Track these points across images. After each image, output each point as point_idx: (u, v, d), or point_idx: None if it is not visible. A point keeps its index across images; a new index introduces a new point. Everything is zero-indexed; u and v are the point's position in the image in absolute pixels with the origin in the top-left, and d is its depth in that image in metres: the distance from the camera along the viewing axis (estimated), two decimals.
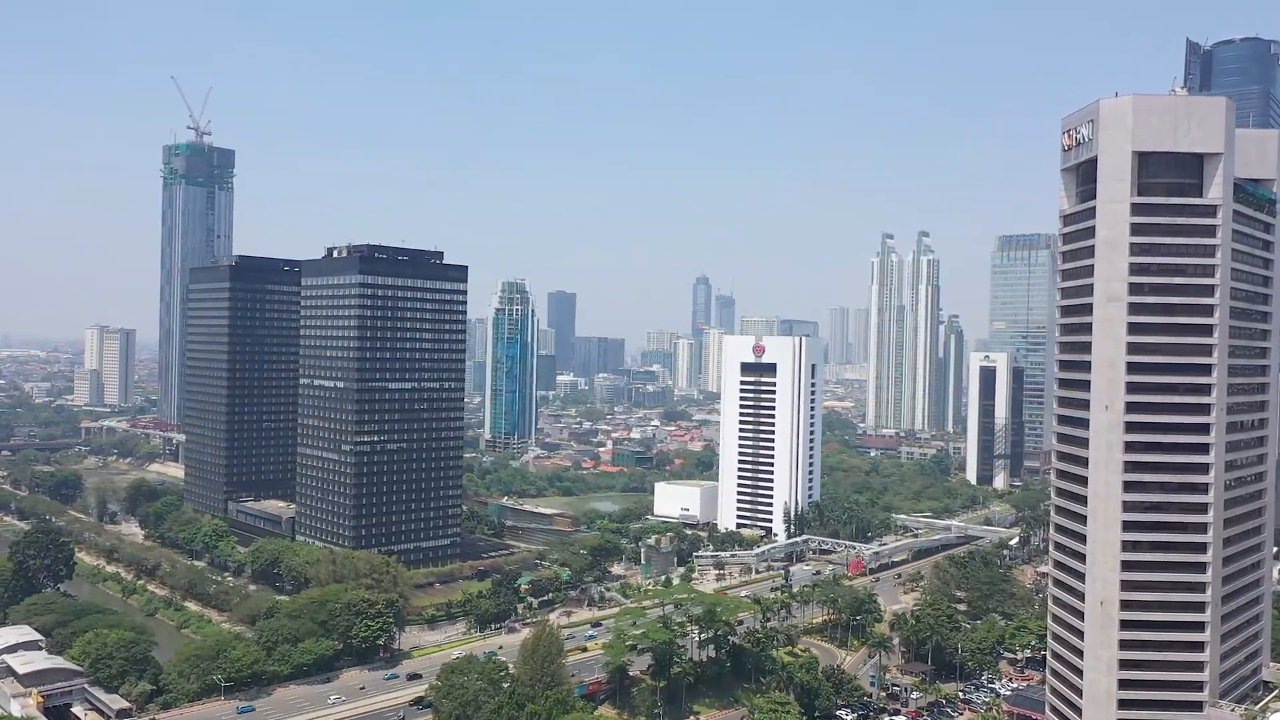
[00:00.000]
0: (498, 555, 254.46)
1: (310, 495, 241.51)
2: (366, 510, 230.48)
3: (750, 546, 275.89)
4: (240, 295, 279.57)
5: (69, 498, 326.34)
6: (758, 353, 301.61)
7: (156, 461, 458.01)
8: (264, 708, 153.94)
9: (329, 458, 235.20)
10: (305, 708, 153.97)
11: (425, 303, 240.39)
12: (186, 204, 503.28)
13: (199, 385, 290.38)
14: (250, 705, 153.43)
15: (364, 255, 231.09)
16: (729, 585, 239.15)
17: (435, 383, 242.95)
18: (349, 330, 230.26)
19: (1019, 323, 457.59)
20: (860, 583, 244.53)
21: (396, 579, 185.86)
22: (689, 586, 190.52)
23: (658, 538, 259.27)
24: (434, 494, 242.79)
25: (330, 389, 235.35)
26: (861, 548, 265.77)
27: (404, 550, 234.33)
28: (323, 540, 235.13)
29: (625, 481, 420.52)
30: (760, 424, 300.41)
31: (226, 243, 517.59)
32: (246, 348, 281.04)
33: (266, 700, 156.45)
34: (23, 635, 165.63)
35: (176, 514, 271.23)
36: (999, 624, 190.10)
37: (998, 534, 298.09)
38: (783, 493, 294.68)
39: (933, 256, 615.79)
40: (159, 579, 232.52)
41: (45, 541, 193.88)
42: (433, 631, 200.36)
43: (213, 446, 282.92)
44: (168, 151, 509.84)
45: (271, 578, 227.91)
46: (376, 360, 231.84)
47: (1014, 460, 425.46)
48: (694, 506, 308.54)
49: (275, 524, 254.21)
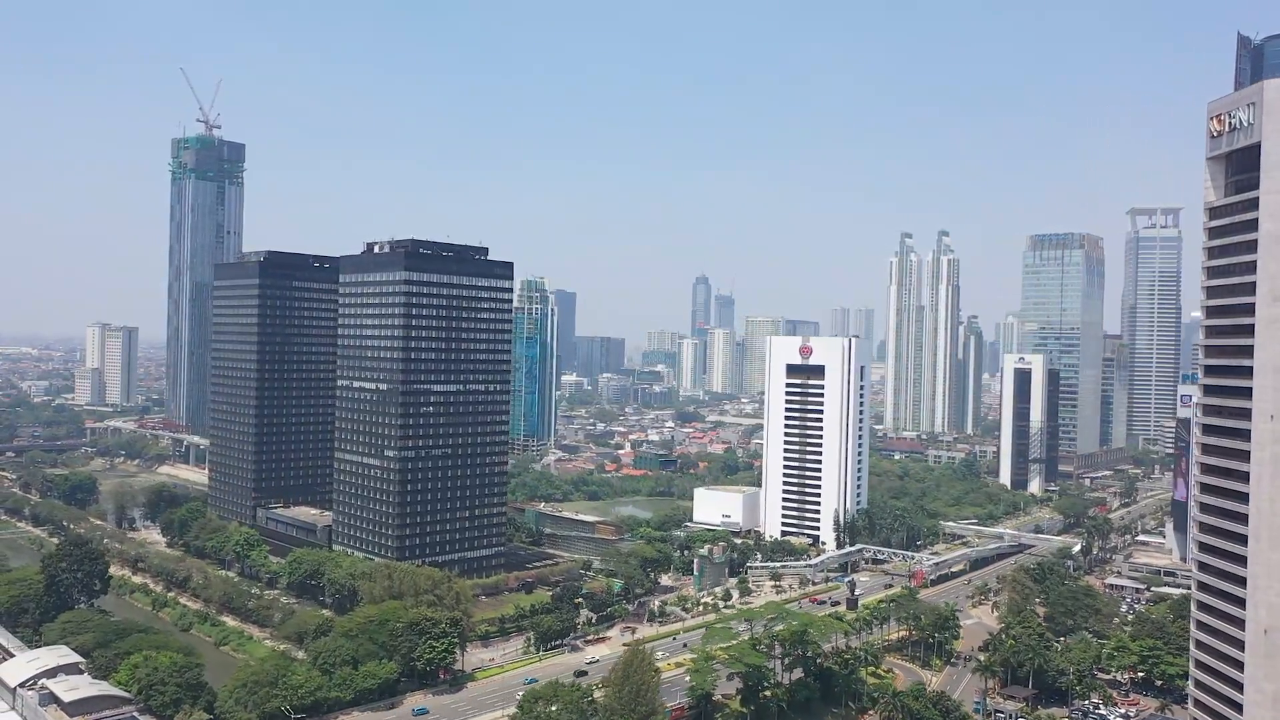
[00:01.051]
0: (542, 566, 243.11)
1: (349, 503, 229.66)
2: (411, 520, 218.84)
3: (800, 556, 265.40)
4: (270, 292, 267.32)
5: (83, 502, 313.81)
6: (805, 354, 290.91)
7: (167, 463, 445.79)
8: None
9: (370, 464, 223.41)
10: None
11: (470, 301, 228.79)
12: (196, 199, 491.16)
13: (225, 386, 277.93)
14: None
15: (408, 251, 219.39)
16: (788, 598, 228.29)
17: (480, 385, 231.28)
18: (393, 330, 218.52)
19: (1052, 324, 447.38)
20: (925, 595, 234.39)
21: (459, 595, 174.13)
22: (779, 605, 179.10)
23: (710, 547, 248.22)
24: (479, 502, 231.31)
25: (371, 391, 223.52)
26: (920, 557, 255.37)
27: (448, 562, 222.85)
28: (363, 551, 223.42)
29: (651, 485, 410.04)
30: (808, 428, 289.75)
31: (236, 239, 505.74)
32: (276, 347, 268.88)
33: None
34: (62, 657, 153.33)
35: (201, 521, 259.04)
36: (1093, 643, 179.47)
37: (1052, 542, 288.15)
38: (831, 500, 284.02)
39: (953, 256, 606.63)
40: (190, 591, 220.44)
41: (78, 555, 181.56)
42: (486, 649, 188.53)
43: (239, 450, 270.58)
44: (176, 145, 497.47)
45: (310, 590, 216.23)
46: (421, 361, 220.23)
47: (1049, 465, 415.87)
48: (736, 513, 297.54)
49: (310, 532, 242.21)
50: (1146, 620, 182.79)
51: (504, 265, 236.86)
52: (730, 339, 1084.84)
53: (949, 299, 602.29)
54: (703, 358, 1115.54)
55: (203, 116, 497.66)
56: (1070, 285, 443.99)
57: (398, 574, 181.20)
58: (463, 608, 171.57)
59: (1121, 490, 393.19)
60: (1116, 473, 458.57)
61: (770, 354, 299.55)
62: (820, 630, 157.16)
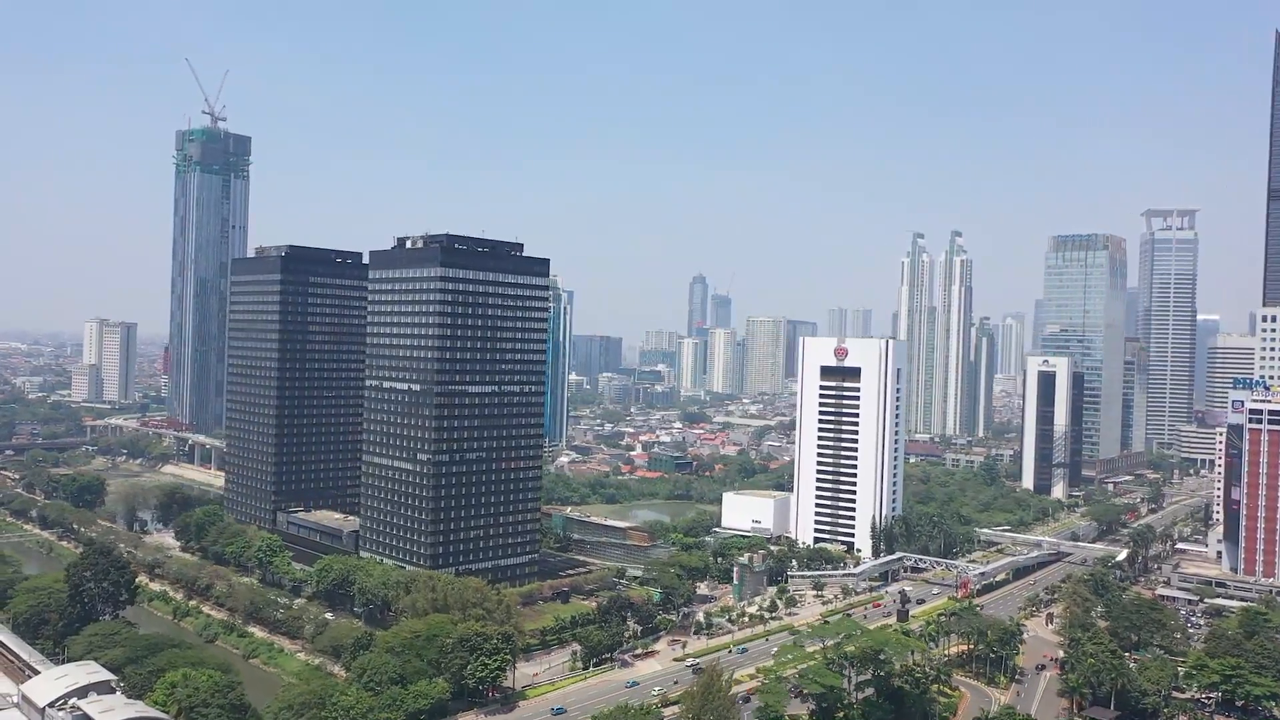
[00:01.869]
0: (576, 574, 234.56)
1: (378, 508, 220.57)
2: (445, 526, 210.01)
3: (837, 564, 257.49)
4: (291, 289, 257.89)
5: (91, 504, 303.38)
6: (840, 355, 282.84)
7: (171, 463, 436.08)
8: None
9: (401, 467, 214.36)
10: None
11: (506, 298, 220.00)
12: (201, 192, 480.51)
13: (243, 386, 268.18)
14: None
15: (444, 246, 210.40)
16: (834, 608, 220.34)
17: (515, 386, 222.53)
18: (428, 328, 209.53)
19: (1075, 326, 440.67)
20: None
21: (509, 609, 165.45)
22: (853, 622, 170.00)
23: (750, 555, 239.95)
24: (513, 508, 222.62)
25: (404, 392, 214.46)
26: (965, 566, 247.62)
27: (483, 570, 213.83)
28: (393, 558, 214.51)
29: (669, 488, 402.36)
30: (842, 432, 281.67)
31: (242, 234, 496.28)
32: (297, 345, 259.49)
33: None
34: (91, 674, 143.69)
35: (220, 525, 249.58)
36: (1169, 661, 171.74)
37: (1093, 550, 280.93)
38: (867, 506, 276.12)
39: (965, 257, 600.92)
40: (213, 600, 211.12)
41: (104, 564, 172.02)
42: (528, 663, 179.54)
43: (258, 452, 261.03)
44: (181, 137, 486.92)
45: (337, 599, 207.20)
46: (457, 361, 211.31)
47: (1073, 469, 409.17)
48: (767, 518, 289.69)
49: (335, 538, 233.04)
50: (1222, 637, 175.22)
51: (539, 262, 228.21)
52: (731, 339, 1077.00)
53: (961, 300, 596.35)
54: (703, 358, 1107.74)
55: (208, 108, 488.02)
56: (1094, 287, 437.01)
57: (441, 585, 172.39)
58: (513, 622, 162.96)
59: (1148, 496, 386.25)
60: (1137, 478, 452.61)
61: (803, 355, 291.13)
62: (896, 650, 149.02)
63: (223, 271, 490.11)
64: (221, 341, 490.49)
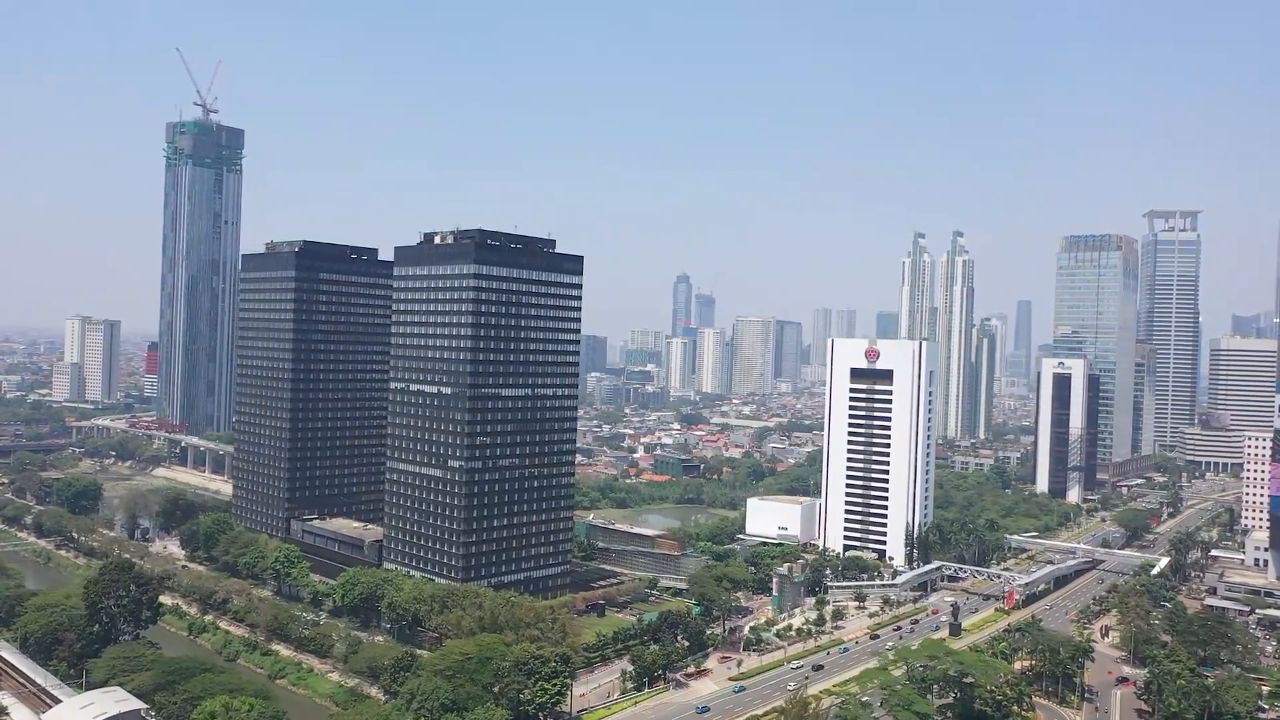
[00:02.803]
0: (607, 585, 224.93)
1: (403, 517, 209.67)
2: (477, 537, 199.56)
3: (872, 573, 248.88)
4: (306, 286, 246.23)
5: (87, 510, 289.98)
6: (871, 357, 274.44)
7: (162, 465, 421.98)
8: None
9: (430, 474, 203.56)
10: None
11: (540, 297, 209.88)
12: (193, 186, 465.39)
13: (253, 387, 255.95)
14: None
15: (477, 242, 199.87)
16: (879, 622, 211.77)
17: (549, 390, 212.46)
18: (461, 328, 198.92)
19: (1087, 327, 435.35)
20: (1017, 618, 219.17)
21: (565, 628, 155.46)
22: (939, 643, 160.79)
23: (789, 566, 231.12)
24: (546, 517, 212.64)
25: (433, 395, 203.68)
26: (1008, 576, 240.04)
27: (514, 582, 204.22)
28: (420, 570, 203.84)
29: (680, 492, 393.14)
30: (874, 436, 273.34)
31: (235, 229, 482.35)
32: (312, 345, 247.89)
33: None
34: (120, 702, 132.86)
35: (230, 534, 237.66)
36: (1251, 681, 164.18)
37: (1129, 558, 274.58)
38: (900, 513, 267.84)
39: (967, 257, 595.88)
40: (231, 615, 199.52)
41: (125, 581, 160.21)
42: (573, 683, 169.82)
43: (271, 457, 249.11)
44: (172, 129, 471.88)
45: (361, 614, 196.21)
46: (490, 363, 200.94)
47: (1088, 472, 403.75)
48: (794, 525, 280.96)
49: (355, 549, 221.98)
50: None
51: (573, 259, 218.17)
52: (721, 339, 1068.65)
53: (963, 301, 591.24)
54: (691, 357, 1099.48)
55: (199, 100, 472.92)
56: (1107, 288, 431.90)
57: (489, 603, 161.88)
58: (569, 642, 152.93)
59: (1167, 500, 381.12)
60: (1148, 481, 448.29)
61: (832, 356, 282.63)
62: (984, 674, 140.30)
63: (215, 268, 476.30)
64: (213, 340, 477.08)
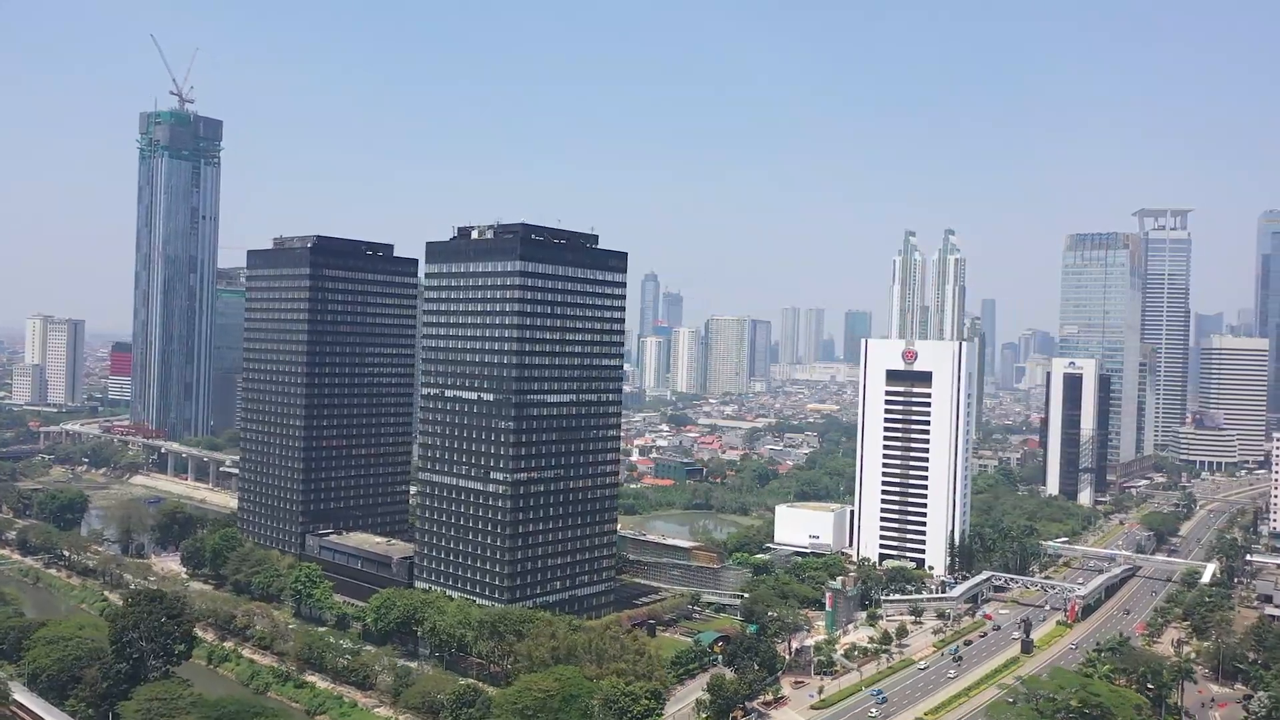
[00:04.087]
0: (651, 601, 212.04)
1: (438, 533, 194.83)
2: (523, 554, 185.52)
3: (917, 584, 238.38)
4: (321, 284, 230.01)
5: (72, 523, 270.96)
6: (908, 359, 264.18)
7: (140, 473, 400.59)
8: None
9: (470, 487, 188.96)
10: None
11: (585, 296, 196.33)
12: (169, 179, 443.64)
13: (262, 393, 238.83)
14: None
15: (522, 237, 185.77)
16: (944, 638, 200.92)
17: (594, 395, 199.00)
18: (505, 329, 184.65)
19: (1094, 327, 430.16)
20: (1081, 631, 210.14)
21: (652, 659, 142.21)
22: (1073, 675, 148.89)
23: (843, 579, 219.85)
24: (591, 531, 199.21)
25: (473, 402, 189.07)
26: (1063, 587, 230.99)
27: (559, 602, 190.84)
28: (459, 590, 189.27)
29: (687, 498, 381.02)
30: (911, 441, 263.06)
31: (213, 225, 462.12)
32: (327, 348, 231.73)
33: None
34: None
35: (241, 551, 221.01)
36: None
37: (1169, 564, 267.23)
38: (940, 520, 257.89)
39: (959, 256, 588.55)
40: (254, 642, 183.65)
41: (156, 612, 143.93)
42: None
43: (283, 467, 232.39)
44: (146, 120, 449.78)
45: (396, 639, 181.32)
46: (535, 368, 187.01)
47: (1098, 474, 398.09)
48: (826, 533, 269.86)
49: (382, 567, 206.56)
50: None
51: (617, 255, 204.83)
52: (697, 338, 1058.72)
53: (955, 300, 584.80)
54: (666, 357, 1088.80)
55: (175, 89, 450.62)
56: (1114, 287, 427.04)
57: (564, 632, 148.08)
58: (659, 676, 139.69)
59: (1181, 501, 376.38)
60: (1152, 482, 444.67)
61: (866, 357, 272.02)
62: (1118, 706, 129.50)
63: (192, 265, 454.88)
64: (191, 341, 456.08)
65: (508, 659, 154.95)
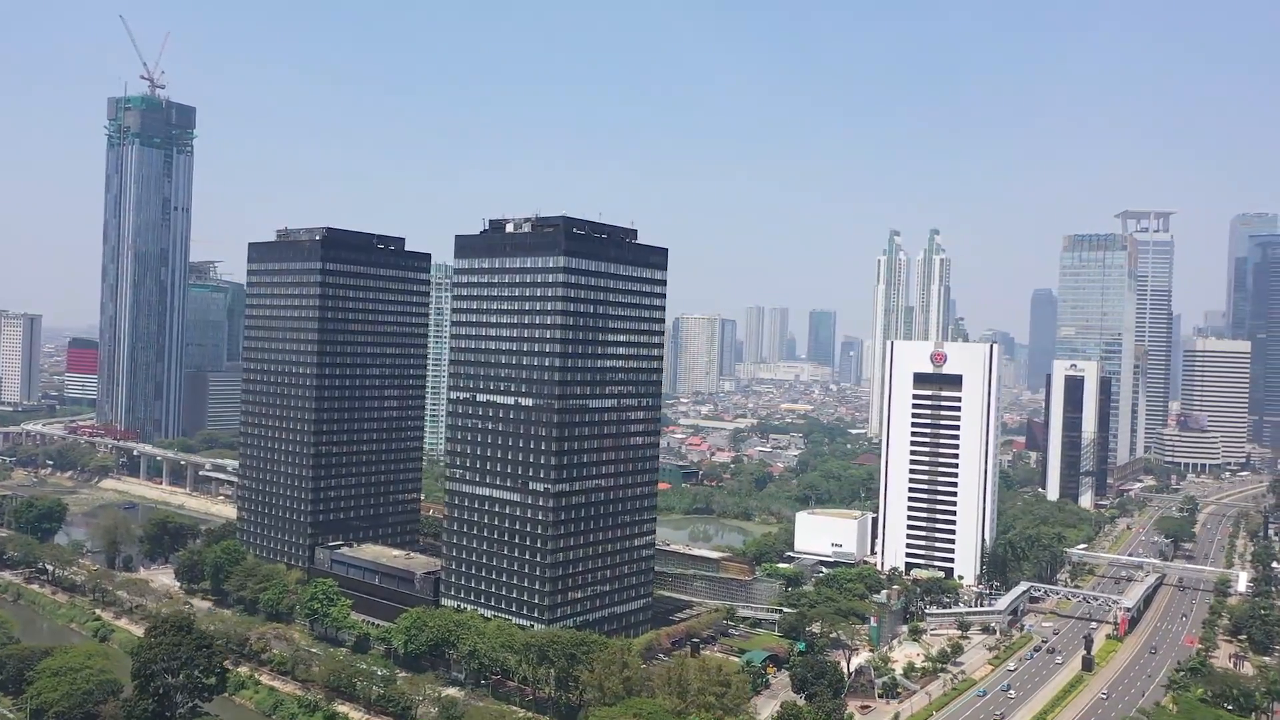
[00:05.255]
0: (687, 617, 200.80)
1: (468, 547, 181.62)
2: (565, 570, 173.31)
3: (953, 595, 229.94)
4: (333, 280, 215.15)
5: (49, 533, 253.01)
6: (937, 361, 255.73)
7: (111, 477, 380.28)
8: None
9: (506, 498, 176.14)
10: None
11: (626, 295, 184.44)
12: (140, 168, 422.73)
13: (266, 395, 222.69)
14: None
15: (566, 231, 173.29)
16: (998, 655, 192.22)
17: (634, 400, 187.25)
18: (547, 330, 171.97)
19: (1092, 329, 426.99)
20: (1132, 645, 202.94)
21: (739, 689, 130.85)
22: (1211, 711, 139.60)
23: (887, 593, 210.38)
24: (631, 544, 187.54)
25: (509, 407, 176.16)
26: (1105, 598, 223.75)
27: (599, 620, 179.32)
28: (493, 608, 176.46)
29: (687, 502, 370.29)
30: (940, 446, 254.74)
31: (186, 216, 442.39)
32: (338, 347, 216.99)
33: None
34: None
35: (245, 566, 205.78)
36: None
37: (1199, 571, 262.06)
38: (969, 528, 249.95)
39: (944, 256, 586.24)
40: (271, 667, 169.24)
41: (187, 645, 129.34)
42: None
43: (290, 475, 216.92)
44: (116, 105, 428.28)
45: (426, 662, 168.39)
46: (579, 370, 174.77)
47: (1099, 478, 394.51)
48: (849, 541, 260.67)
49: (403, 582, 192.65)
50: None
51: (658, 251, 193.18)
52: (668, 337, 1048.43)
53: (941, 299, 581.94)
54: None
55: (146, 73, 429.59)
56: (1113, 288, 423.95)
57: (636, 661, 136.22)
58: (747, 711, 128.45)
59: (1184, 505, 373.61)
60: (1145, 485, 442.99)
61: (892, 360, 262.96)
62: None
63: (163, 258, 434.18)
64: (161, 337, 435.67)
65: (570, 688, 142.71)
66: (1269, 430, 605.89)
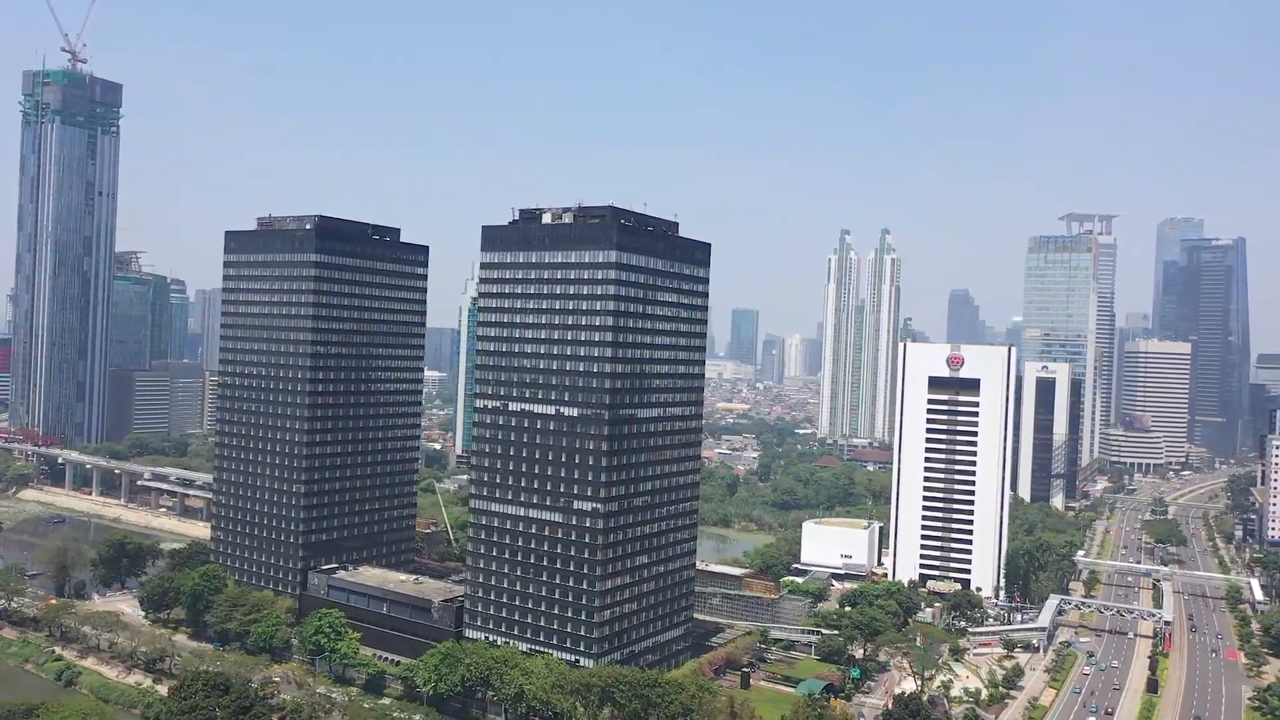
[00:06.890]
0: (724, 642, 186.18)
1: (498, 572, 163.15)
2: (614, 599, 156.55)
3: (980, 611, 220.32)
4: (328, 274, 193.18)
5: None
6: (954, 365, 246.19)
7: (31, 486, 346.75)
8: None
9: (544, 519, 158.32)
10: None
11: (671, 293, 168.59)
12: (60, 149, 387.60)
13: (248, 400, 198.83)
14: None
15: (616, 223, 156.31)
16: (1056, 677, 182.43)
17: (679, 409, 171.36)
18: (595, 332, 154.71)
19: (1056, 330, 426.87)
20: (1177, 662, 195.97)
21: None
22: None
23: (931, 611, 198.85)
24: (675, 566, 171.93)
25: (548, 418, 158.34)
26: (1139, 609, 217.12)
27: (643, 652, 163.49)
28: (528, 641, 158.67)
29: None
30: (956, 453, 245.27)
31: (111, 202, 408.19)
32: (332, 348, 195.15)
33: None
34: None
35: (229, 594, 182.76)
36: None
37: (1195, 577, 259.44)
38: (987, 538, 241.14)
39: (895, 256, 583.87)
40: (281, 715, 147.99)
41: (224, 709, 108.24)
42: None
43: (277, 491, 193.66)
44: (33, 79, 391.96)
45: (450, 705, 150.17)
46: (627, 376, 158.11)
47: (1069, 479, 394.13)
48: (860, 552, 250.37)
49: (419, 612, 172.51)
50: None
51: (702, 246, 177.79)
52: None
53: (892, 299, 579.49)
54: None
55: (68, 46, 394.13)
56: (1078, 290, 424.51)
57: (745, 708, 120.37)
58: None
59: (1155, 506, 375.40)
60: (1105, 487, 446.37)
61: (905, 363, 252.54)
62: None
63: (87, 247, 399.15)
64: (84, 334, 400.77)
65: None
66: (1201, 430, 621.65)
